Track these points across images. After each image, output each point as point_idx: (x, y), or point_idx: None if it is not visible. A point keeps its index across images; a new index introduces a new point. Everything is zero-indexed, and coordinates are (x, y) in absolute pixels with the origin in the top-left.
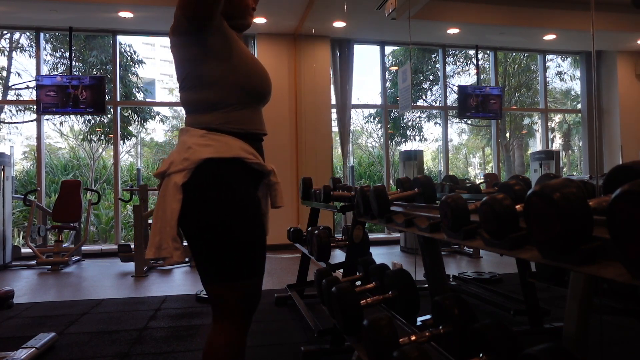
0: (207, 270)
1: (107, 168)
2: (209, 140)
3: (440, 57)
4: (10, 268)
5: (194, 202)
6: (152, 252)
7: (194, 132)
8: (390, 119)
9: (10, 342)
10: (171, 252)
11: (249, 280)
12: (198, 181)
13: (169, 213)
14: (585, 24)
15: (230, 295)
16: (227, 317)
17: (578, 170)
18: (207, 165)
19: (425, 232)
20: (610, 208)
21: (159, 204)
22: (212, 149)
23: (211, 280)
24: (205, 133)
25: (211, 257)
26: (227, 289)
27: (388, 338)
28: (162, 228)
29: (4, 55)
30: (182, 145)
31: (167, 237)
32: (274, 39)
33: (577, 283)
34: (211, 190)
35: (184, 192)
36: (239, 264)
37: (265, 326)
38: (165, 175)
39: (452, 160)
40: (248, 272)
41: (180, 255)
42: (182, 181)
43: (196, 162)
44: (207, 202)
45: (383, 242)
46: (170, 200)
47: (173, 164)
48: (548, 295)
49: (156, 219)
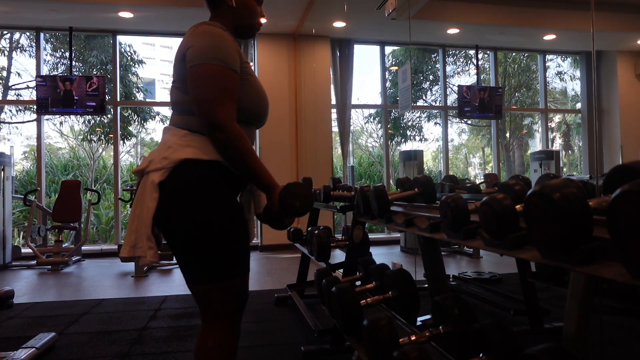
0: (189, 272)
1: (107, 168)
2: (190, 141)
3: (440, 57)
4: (10, 268)
5: (170, 202)
6: (127, 251)
7: (175, 132)
8: (390, 119)
9: (10, 342)
10: (145, 251)
11: (233, 279)
12: (175, 181)
13: (145, 211)
14: (585, 24)
15: (214, 296)
16: (215, 318)
17: (578, 170)
18: (185, 165)
19: (425, 232)
20: (610, 208)
21: (136, 202)
22: (192, 149)
23: (194, 282)
24: (187, 134)
25: (191, 258)
26: (211, 289)
27: (388, 338)
28: (138, 227)
29: (4, 55)
30: (163, 144)
31: (142, 235)
32: (274, 39)
33: (577, 283)
34: (187, 190)
35: (161, 191)
36: (219, 264)
37: (265, 326)
38: (144, 173)
39: (452, 160)
40: (230, 272)
41: (154, 254)
42: (159, 180)
43: (175, 162)
44: (183, 202)
45: (383, 242)
46: (147, 199)
47: (152, 162)
48: (548, 295)
49: (133, 217)
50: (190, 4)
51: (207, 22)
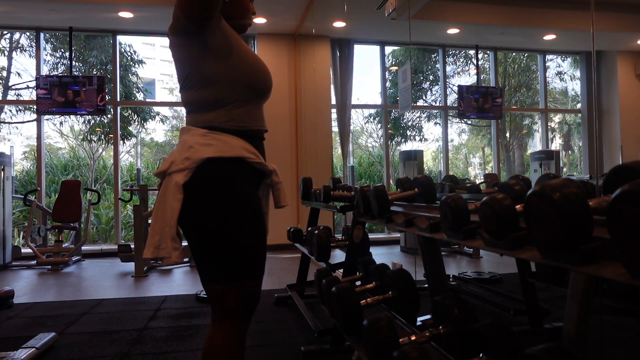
0: (207, 271)
1: (107, 168)
2: (211, 139)
3: (440, 57)
4: (10, 268)
5: (195, 202)
6: (151, 252)
7: (195, 132)
8: (390, 119)
9: (10, 342)
10: (170, 252)
11: (249, 281)
12: (199, 181)
13: (169, 213)
14: (585, 24)
15: (230, 296)
16: (227, 318)
17: (578, 170)
18: (208, 164)
19: (425, 232)
20: (610, 208)
21: (159, 203)
22: (213, 148)
23: (211, 281)
24: (207, 132)
25: (211, 257)
26: (227, 289)
27: (388, 338)
28: (161, 228)
29: (4, 55)
30: (183, 144)
31: (167, 236)
32: (274, 39)
33: (577, 283)
34: (212, 190)
35: (185, 191)
36: (239, 265)
37: (265, 326)
38: (166, 174)
39: (452, 160)
40: (248, 273)
41: (179, 255)
42: (183, 181)
43: (197, 162)
44: (208, 202)
45: (383, 242)
46: (171, 200)
47: (174, 163)
48: (548, 295)
49: (155, 219)
50: None
51: None
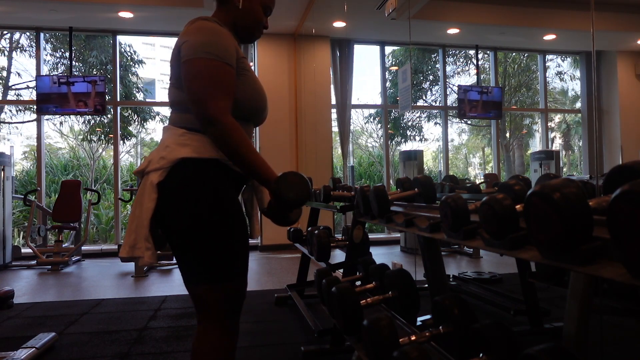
0: (187, 271)
1: (107, 168)
2: (187, 139)
3: (440, 57)
4: (10, 268)
5: (170, 202)
6: (126, 251)
7: (174, 131)
8: (390, 119)
9: (10, 342)
10: (143, 251)
11: (229, 281)
12: (173, 181)
13: (144, 212)
14: (585, 24)
15: (210, 297)
16: (210, 319)
17: (578, 170)
18: (183, 164)
19: (425, 232)
20: (610, 208)
21: (136, 202)
22: (189, 148)
23: (191, 281)
24: (185, 132)
25: (189, 257)
26: (207, 290)
27: (388, 338)
28: (137, 227)
29: (4, 55)
30: (161, 144)
31: (141, 236)
32: (274, 39)
33: (577, 283)
34: (186, 190)
35: (159, 191)
36: (217, 265)
37: (265, 326)
38: (144, 173)
39: (452, 160)
40: (227, 273)
41: (151, 255)
42: (157, 180)
43: (172, 161)
44: (182, 202)
45: (383, 242)
46: (146, 200)
47: (151, 162)
48: (548, 295)
49: (132, 218)
50: (190, 4)
51: (203, 17)
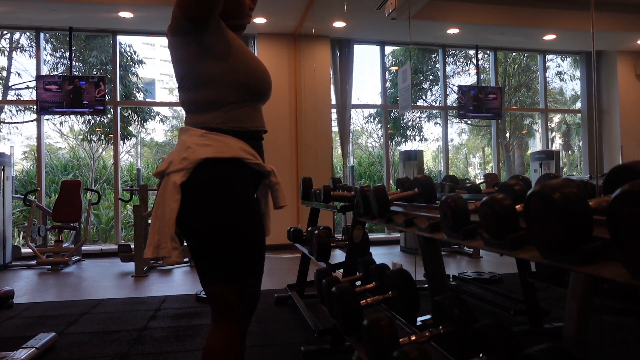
0: (206, 271)
1: (107, 168)
2: (208, 140)
3: (440, 57)
4: (10, 268)
5: (193, 202)
6: (151, 252)
7: (193, 132)
8: (390, 119)
9: (10, 342)
10: (169, 251)
11: (248, 281)
12: (197, 181)
13: (167, 213)
14: (585, 24)
15: (229, 296)
16: (226, 318)
17: (578, 170)
18: (206, 165)
19: (425, 232)
20: (610, 208)
21: (158, 203)
22: (211, 148)
23: (210, 281)
24: (205, 133)
25: (209, 257)
26: (226, 289)
27: (388, 338)
28: (160, 228)
29: (4, 55)
30: (181, 144)
31: (166, 236)
32: (274, 39)
33: (577, 283)
34: (210, 190)
35: (183, 192)
36: (238, 265)
37: (265, 326)
38: (164, 174)
39: (452, 160)
40: (247, 273)
41: (179, 255)
42: (180, 181)
43: (195, 162)
44: (206, 202)
45: (383, 242)
46: (169, 200)
47: (172, 163)
48: (548, 295)
49: (155, 219)
50: None
51: None
